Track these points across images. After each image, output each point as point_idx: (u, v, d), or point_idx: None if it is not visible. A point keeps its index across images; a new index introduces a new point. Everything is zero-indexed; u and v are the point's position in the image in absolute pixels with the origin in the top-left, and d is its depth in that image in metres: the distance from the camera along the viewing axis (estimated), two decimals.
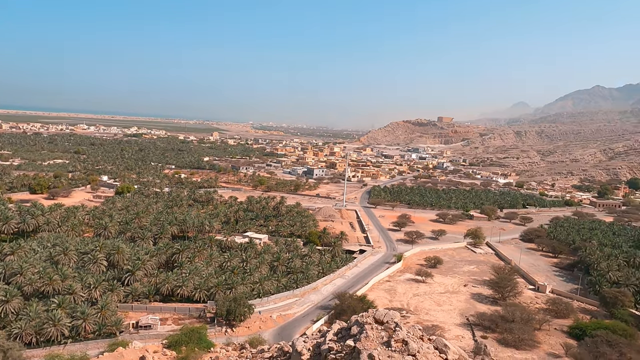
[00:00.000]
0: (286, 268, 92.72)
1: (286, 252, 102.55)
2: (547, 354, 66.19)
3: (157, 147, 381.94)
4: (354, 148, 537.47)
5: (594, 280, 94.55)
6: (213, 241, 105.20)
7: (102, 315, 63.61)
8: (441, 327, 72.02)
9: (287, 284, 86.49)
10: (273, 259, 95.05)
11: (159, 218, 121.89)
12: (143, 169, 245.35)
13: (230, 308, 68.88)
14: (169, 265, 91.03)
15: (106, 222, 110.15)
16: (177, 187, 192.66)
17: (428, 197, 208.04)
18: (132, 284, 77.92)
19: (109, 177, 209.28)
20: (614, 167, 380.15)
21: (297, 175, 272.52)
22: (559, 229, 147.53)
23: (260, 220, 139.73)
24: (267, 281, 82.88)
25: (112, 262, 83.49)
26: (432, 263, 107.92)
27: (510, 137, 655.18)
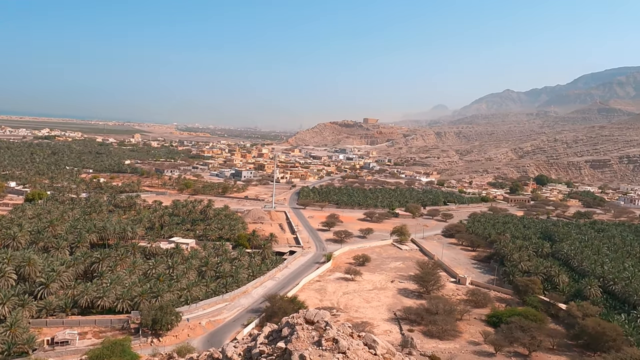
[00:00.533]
0: (215, 273, 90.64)
1: (215, 257, 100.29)
2: (468, 342, 70.12)
3: (73, 150, 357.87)
4: (283, 149, 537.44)
5: (508, 271, 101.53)
6: (136, 248, 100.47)
7: (11, 334, 58.48)
8: (370, 323, 73.91)
9: (217, 288, 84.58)
10: (201, 264, 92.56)
11: (75, 226, 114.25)
12: (57, 173, 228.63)
13: (156, 317, 66.11)
14: (88, 275, 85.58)
15: (15, 231, 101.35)
16: (96, 192, 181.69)
17: (355, 196, 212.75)
18: (46, 297, 72.38)
19: (17, 183, 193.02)
20: (523, 165, 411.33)
21: (225, 177, 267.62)
22: (476, 223, 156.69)
23: (187, 224, 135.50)
24: (195, 287, 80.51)
25: (23, 275, 77.04)
26: (360, 261, 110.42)
27: (432, 137, 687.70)
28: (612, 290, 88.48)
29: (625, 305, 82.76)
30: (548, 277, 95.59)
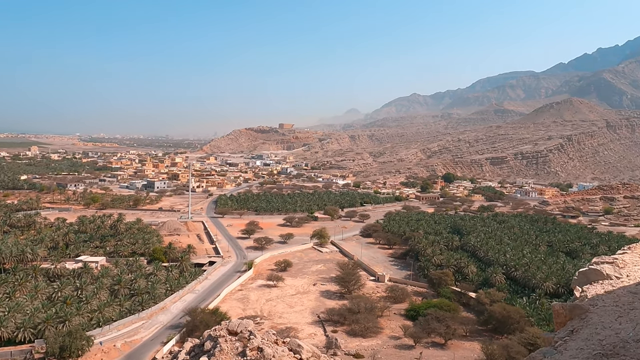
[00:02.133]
0: (129, 290, 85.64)
1: (128, 273, 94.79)
2: (390, 337, 72.60)
3: None
4: (197, 157, 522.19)
5: (422, 265, 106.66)
6: (38, 270, 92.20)
7: None
8: (295, 328, 73.91)
9: (132, 307, 79.92)
10: (113, 282, 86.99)
11: None
12: None
13: (64, 344, 60.99)
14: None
15: None
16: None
17: (274, 202, 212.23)
18: None
19: None
20: (431, 164, 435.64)
21: (136, 189, 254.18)
22: (392, 222, 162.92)
23: (96, 241, 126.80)
24: (107, 307, 75.44)
25: None
26: (282, 267, 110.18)
27: (346, 141, 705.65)
28: (514, 276, 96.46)
29: (526, 289, 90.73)
30: (459, 269, 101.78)
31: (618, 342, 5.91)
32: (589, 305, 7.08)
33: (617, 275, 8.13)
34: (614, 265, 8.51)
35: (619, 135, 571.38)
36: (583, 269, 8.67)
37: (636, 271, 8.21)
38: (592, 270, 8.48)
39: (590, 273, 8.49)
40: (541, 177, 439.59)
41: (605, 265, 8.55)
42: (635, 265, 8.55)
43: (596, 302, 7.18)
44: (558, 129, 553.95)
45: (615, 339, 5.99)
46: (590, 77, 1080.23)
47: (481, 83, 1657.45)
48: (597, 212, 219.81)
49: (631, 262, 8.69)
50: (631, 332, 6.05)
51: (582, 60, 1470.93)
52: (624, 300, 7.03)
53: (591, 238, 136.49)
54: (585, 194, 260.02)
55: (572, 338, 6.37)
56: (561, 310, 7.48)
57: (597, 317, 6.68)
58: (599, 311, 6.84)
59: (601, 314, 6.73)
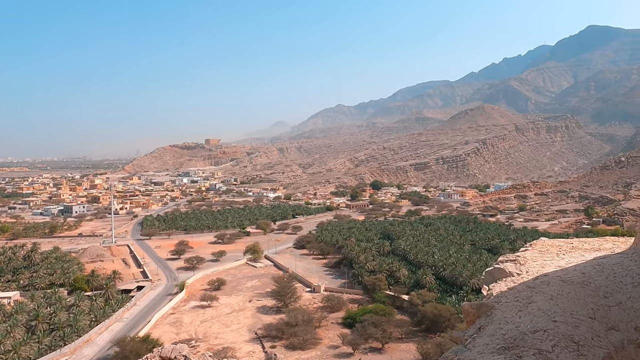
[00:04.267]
0: (49, 325, 79.07)
1: (47, 307, 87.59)
2: (328, 347, 72.80)
3: None
4: (119, 178, 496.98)
5: (356, 273, 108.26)
6: None
7: None
8: (232, 348, 72.06)
9: (52, 343, 73.87)
10: (30, 318, 79.98)
11: None
12: None
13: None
14: None
15: None
16: None
17: (204, 220, 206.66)
18: None
19: None
20: (359, 173, 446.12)
21: (52, 215, 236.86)
22: (324, 232, 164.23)
23: (7, 275, 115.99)
24: (24, 346, 69.14)
25: None
26: (215, 285, 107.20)
27: (275, 154, 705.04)
28: (442, 276, 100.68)
29: (454, 287, 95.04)
30: (391, 273, 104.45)
31: (518, 334, 6.33)
32: (494, 303, 7.50)
33: (518, 272, 8.75)
34: (515, 263, 9.23)
35: (527, 137, 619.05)
36: (489, 269, 9.33)
37: (534, 267, 8.94)
38: (497, 269, 9.12)
39: (496, 272, 9.08)
40: (461, 179, 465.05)
41: (508, 263, 9.27)
42: (534, 261, 9.30)
43: (500, 299, 7.63)
44: (473, 134, 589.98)
45: (516, 332, 6.41)
46: (498, 85, 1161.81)
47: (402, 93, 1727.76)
48: (512, 210, 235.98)
49: (531, 259, 9.45)
50: (529, 325, 6.49)
51: (491, 69, 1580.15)
52: (523, 295, 7.54)
53: (509, 234, 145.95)
54: (501, 194, 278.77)
55: (479, 335, 6.71)
56: (470, 309, 7.87)
57: (501, 313, 7.10)
58: (502, 307, 7.27)
59: (504, 310, 7.16)
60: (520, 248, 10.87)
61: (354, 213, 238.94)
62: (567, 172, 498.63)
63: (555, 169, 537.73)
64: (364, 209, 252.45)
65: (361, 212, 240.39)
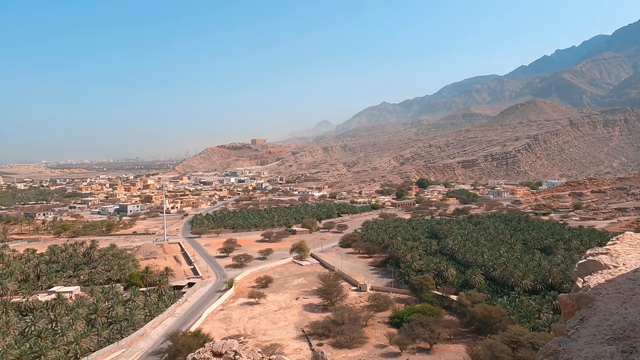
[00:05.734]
0: (107, 319, 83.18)
1: (105, 301, 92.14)
2: (375, 346, 72.44)
3: None
4: (170, 178, 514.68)
5: (403, 272, 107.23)
6: (8, 305, 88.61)
7: None
8: (280, 344, 73.02)
9: (110, 336, 77.65)
10: (90, 312, 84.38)
11: None
12: None
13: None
14: None
15: None
16: None
17: (251, 218, 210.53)
18: None
19: None
20: (405, 171, 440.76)
21: (109, 214, 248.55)
22: (370, 231, 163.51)
23: (69, 270, 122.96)
24: (84, 338, 73.07)
25: None
26: (263, 283, 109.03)
27: (319, 153, 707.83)
28: (492, 276, 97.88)
29: (505, 288, 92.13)
30: (439, 273, 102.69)
31: (627, 325, 6.34)
32: (593, 294, 7.55)
33: (614, 264, 8.69)
34: (609, 255, 9.11)
35: (582, 132, 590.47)
36: (582, 261, 9.24)
37: (630, 259, 8.87)
38: (591, 261, 9.03)
39: (589, 264, 8.99)
40: (511, 177, 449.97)
41: (601, 255, 9.18)
42: (627, 254, 9.21)
43: (599, 290, 7.67)
44: (524, 130, 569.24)
45: (624, 323, 6.43)
46: (550, 78, 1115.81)
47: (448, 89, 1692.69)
48: (567, 208, 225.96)
49: (623, 252, 9.34)
50: (637, 316, 6.51)
51: (542, 62, 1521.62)
52: (624, 287, 7.53)
53: (563, 234, 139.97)
54: (555, 191, 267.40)
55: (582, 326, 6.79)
56: (568, 300, 7.93)
57: (604, 304, 7.15)
58: (604, 299, 7.32)
59: (607, 302, 7.21)
60: (575, 248, 10.60)
61: (400, 212, 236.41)
62: (626, 168, 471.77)
63: (614, 165, 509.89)
64: (410, 208, 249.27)
65: (407, 211, 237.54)
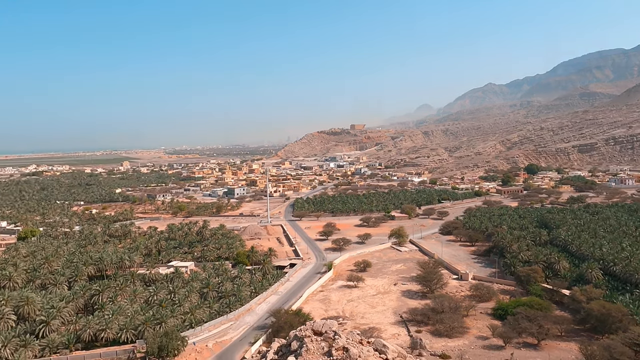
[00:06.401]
0: (217, 293, 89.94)
1: (215, 277, 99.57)
2: (477, 338, 69.99)
3: (62, 184, 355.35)
4: (273, 163, 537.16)
5: (508, 262, 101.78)
6: (135, 276, 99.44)
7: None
8: (378, 328, 73.54)
9: (220, 309, 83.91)
10: (202, 286, 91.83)
11: (71, 260, 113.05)
12: (48, 209, 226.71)
13: (161, 344, 65.31)
14: (88, 308, 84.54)
15: (10, 272, 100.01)
16: (89, 224, 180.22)
17: (350, 203, 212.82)
18: (48, 335, 71.26)
19: (8, 222, 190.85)
20: (512, 156, 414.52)
21: (218, 196, 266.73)
22: (472, 218, 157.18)
23: (184, 247, 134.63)
24: (198, 310, 79.80)
25: (22, 314, 75.94)
26: (361, 267, 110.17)
27: (419, 137, 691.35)
28: (612, 272, 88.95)
29: (628, 285, 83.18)
30: (548, 265, 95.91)
31: None
32: None
33: None
34: None
35: None
36: None
37: None
38: None
39: None
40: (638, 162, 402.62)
41: None
42: None
43: None
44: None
45: None
46: None
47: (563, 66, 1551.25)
48: None
49: None
50: None
51: None
52: None
53: None
54: None
55: None
56: None
57: None
58: None
59: None
60: None
61: (506, 199, 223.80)
62: None
63: None
64: (517, 195, 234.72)
65: (514, 198, 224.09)
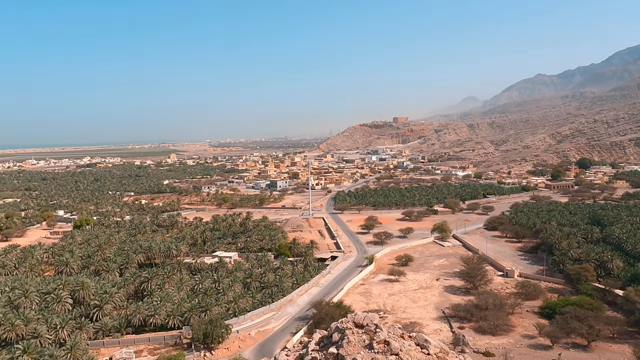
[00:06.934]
0: (260, 283, 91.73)
1: (258, 267, 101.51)
2: (522, 336, 68.14)
3: (114, 175, 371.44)
4: (315, 156, 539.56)
5: (557, 260, 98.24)
6: (182, 265, 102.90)
7: (72, 356, 60.88)
8: (419, 323, 72.95)
9: (262, 299, 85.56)
10: (245, 276, 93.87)
11: (122, 248, 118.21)
12: (101, 199, 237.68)
13: (206, 331, 67.42)
14: (138, 294, 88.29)
15: (67, 258, 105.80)
16: (139, 213, 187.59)
17: (392, 197, 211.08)
18: (101, 319, 75.03)
19: (65, 211, 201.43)
20: (563, 150, 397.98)
21: (261, 189, 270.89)
22: (519, 214, 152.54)
23: (228, 238, 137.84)
24: (241, 299, 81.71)
25: (78, 298, 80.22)
26: (403, 261, 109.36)
27: (464, 130, 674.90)
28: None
29: None
30: (601, 263, 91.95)
31: None
32: None
33: None
34: None
35: None
36: None
37: None
38: None
39: None
40: None
41: None
42: None
43: None
44: None
45: None
46: None
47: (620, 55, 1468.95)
48: None
49: None
50: None
51: None
52: None
53: None
54: None
55: None
56: None
57: None
58: None
59: None
60: None
61: (555, 194, 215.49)
62: None
63: None
64: (567, 190, 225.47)
65: (564, 194, 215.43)
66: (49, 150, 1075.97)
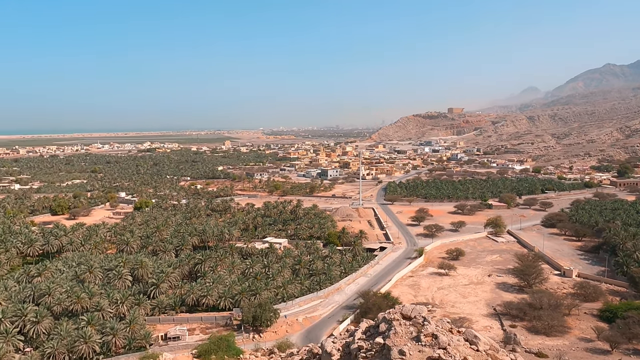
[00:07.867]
0: (308, 270, 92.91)
1: (307, 255, 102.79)
2: (579, 339, 65.23)
3: (172, 160, 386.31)
4: (366, 146, 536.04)
5: (620, 261, 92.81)
6: (234, 249, 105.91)
7: (131, 330, 64.45)
8: (468, 319, 71.44)
9: (311, 286, 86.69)
10: (294, 263, 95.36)
11: (178, 230, 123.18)
12: (159, 182, 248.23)
13: (256, 314, 69.25)
14: (192, 275, 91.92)
15: (127, 237, 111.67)
16: (194, 198, 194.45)
17: (444, 189, 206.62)
18: (158, 296, 78.84)
19: (126, 193, 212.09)
20: (632, 145, 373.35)
21: (312, 177, 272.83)
22: (580, 211, 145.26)
23: (279, 224, 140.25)
24: (290, 285, 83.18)
25: (137, 276, 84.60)
26: (454, 255, 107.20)
27: (523, 122, 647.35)
28: None
29: None
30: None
31: None
32: None
33: None
34: None
35: None
36: None
37: None
38: None
39: None
40: None
41: None
42: None
43: None
44: None
45: None
46: None
47: None
48: None
49: None
50: None
51: None
52: None
53: None
54: None
55: None
56: None
57: None
58: None
59: None
60: None
61: (621, 192, 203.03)
62: None
63: None
64: (635, 188, 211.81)
65: (631, 192, 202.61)
66: (113, 135, 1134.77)
